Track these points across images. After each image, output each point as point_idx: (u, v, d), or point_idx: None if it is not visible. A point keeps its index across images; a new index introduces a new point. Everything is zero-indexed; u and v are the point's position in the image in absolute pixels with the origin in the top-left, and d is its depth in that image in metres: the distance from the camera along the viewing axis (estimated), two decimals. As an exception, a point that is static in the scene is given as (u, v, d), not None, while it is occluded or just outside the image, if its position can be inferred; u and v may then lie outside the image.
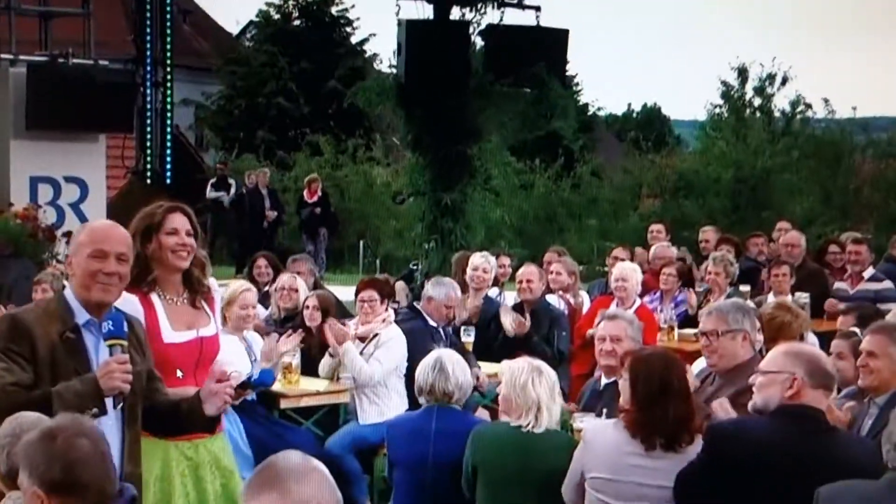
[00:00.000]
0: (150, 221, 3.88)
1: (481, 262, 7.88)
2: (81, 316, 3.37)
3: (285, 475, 2.05)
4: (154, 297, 3.87)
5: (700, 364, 5.00)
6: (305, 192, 16.94)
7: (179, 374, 3.83)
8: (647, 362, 3.98)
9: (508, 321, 7.28)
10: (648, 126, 33.36)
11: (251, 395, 5.93)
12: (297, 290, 7.34)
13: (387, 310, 6.80)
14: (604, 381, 5.05)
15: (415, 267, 10.78)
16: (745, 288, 8.22)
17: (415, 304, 7.20)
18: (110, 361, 3.27)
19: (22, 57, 10.65)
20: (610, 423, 4.11)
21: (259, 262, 8.66)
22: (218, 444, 4.00)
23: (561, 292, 8.23)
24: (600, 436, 4.02)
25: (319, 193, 16.84)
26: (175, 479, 3.87)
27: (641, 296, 8.02)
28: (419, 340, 6.58)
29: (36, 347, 3.28)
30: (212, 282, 4.10)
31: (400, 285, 9.97)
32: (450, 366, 4.75)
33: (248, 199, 16.68)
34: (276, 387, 6.34)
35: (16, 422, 3.05)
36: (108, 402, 3.28)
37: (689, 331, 7.43)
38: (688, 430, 3.88)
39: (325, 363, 6.67)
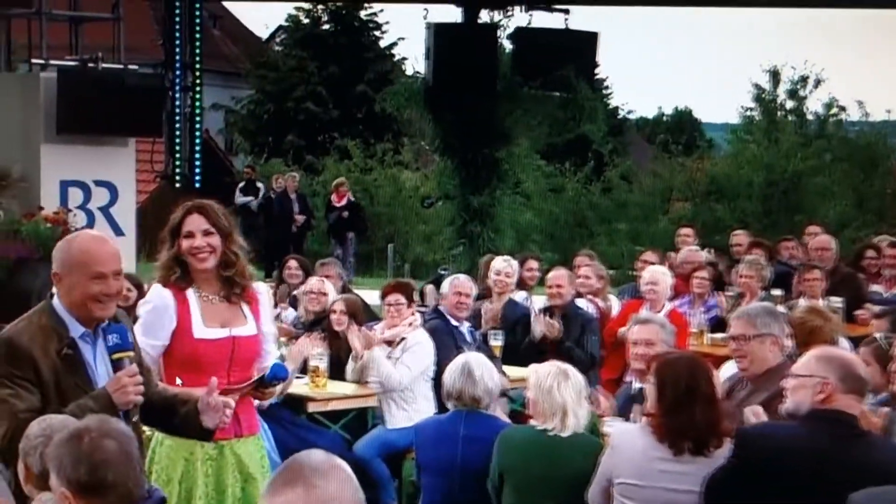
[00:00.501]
0: (172, 225, 3.92)
1: (503, 266, 7.89)
2: (76, 329, 3.35)
3: (309, 472, 2.06)
4: (190, 293, 3.91)
5: (730, 368, 4.97)
6: (333, 196, 16.98)
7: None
8: (674, 366, 3.95)
9: (539, 328, 7.26)
10: (679, 129, 33.19)
11: (277, 398, 5.97)
12: (325, 294, 7.36)
13: (413, 313, 6.81)
14: (636, 385, 5.04)
15: (444, 271, 10.82)
16: (777, 292, 8.16)
17: (439, 306, 7.22)
18: (121, 376, 3.26)
19: (52, 62, 10.76)
20: (637, 428, 4.09)
21: (290, 264, 8.74)
22: (244, 448, 3.99)
23: (590, 296, 8.21)
24: (627, 440, 4.00)
25: (348, 197, 16.88)
26: (198, 479, 3.88)
27: (671, 300, 7.98)
28: (440, 339, 6.64)
29: (39, 370, 3.26)
30: (260, 285, 4.09)
31: (430, 289, 9.98)
32: (478, 370, 4.75)
33: (276, 203, 16.73)
34: (304, 390, 6.38)
35: (45, 423, 3.08)
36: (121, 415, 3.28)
37: (719, 335, 7.39)
38: (716, 434, 3.86)
39: (350, 368, 6.68)
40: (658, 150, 23.74)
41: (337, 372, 6.65)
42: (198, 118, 12.66)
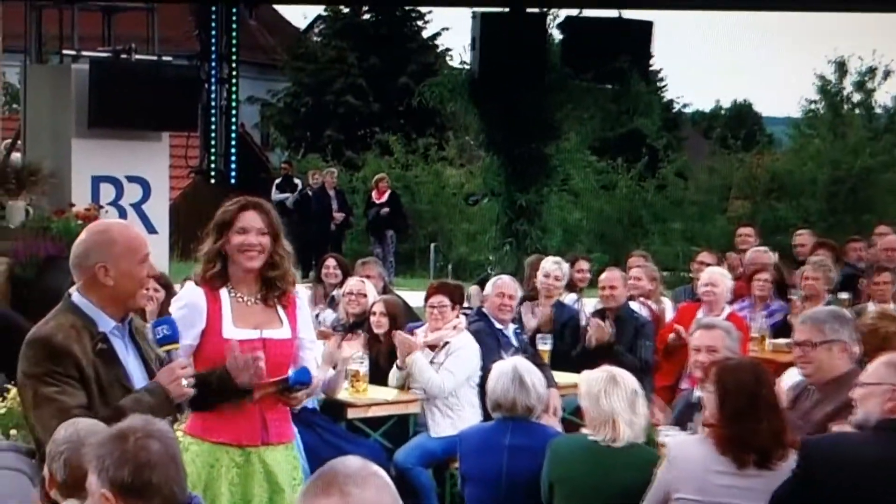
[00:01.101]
0: (223, 218, 3.90)
1: (553, 268, 7.80)
2: (106, 323, 3.41)
3: (344, 479, 2.05)
4: (223, 293, 3.92)
5: (793, 375, 4.90)
6: (374, 193, 16.98)
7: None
8: (735, 373, 3.89)
9: (593, 338, 7.21)
10: (738, 123, 32.83)
11: (311, 402, 5.96)
12: (365, 295, 7.36)
13: (458, 316, 6.78)
14: (697, 393, 4.98)
15: (491, 272, 10.78)
16: (844, 296, 8.05)
17: (482, 307, 7.19)
18: (174, 367, 3.35)
19: (84, 53, 10.89)
20: (695, 440, 4.03)
21: (328, 263, 8.74)
22: (273, 457, 3.97)
23: (642, 299, 8.15)
24: (685, 452, 3.94)
25: (388, 193, 16.84)
26: (222, 485, 3.89)
27: (730, 303, 7.89)
28: (483, 342, 6.61)
29: (81, 366, 3.32)
30: (299, 290, 4.10)
31: (474, 290, 9.94)
32: (528, 378, 4.70)
33: (314, 200, 16.74)
34: (344, 395, 6.37)
35: (72, 427, 3.10)
36: None
37: (781, 340, 7.30)
38: (781, 445, 3.80)
39: (393, 375, 6.67)
40: (715, 146, 23.56)
41: (376, 377, 6.65)
42: (234, 111, 12.75)
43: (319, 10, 27.61)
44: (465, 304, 7.77)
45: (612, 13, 12.03)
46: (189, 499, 2.78)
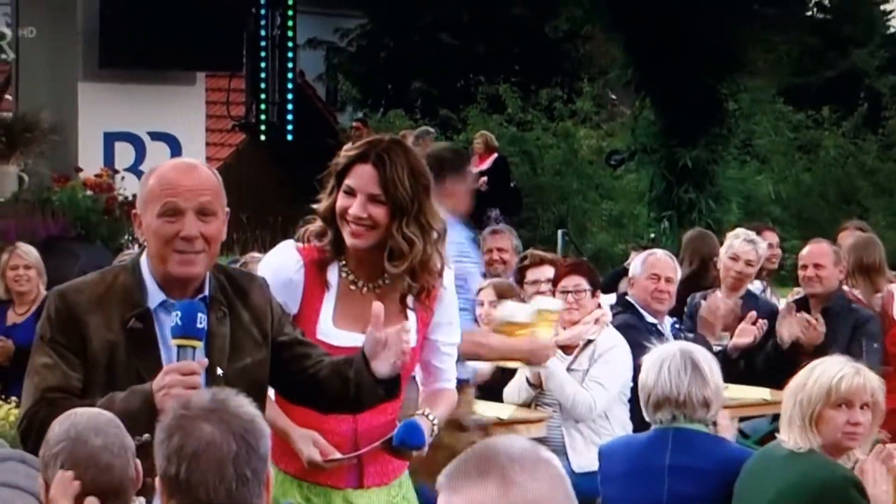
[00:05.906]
0: (337, 163, 3.82)
1: (745, 249, 7.72)
2: (155, 297, 3.45)
3: (507, 461, 2.06)
4: (332, 271, 3.86)
5: None
6: (475, 159, 16.92)
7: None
8: None
9: (789, 329, 7.18)
10: None
11: None
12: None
13: (599, 305, 6.80)
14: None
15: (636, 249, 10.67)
16: None
17: (627, 295, 7.20)
18: (171, 370, 3.29)
19: (95, -29, 11.15)
20: None
21: None
22: (366, 501, 3.94)
23: (850, 285, 8.08)
24: None
25: (493, 158, 16.63)
26: None
27: None
28: (633, 343, 6.50)
29: (88, 341, 3.41)
30: (448, 276, 3.96)
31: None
32: (704, 364, 4.66)
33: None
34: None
35: (68, 422, 3.19)
36: None
37: None
38: None
39: (515, 388, 6.70)
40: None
41: (485, 388, 6.67)
42: (290, 44, 12.92)
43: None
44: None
45: None
46: None
